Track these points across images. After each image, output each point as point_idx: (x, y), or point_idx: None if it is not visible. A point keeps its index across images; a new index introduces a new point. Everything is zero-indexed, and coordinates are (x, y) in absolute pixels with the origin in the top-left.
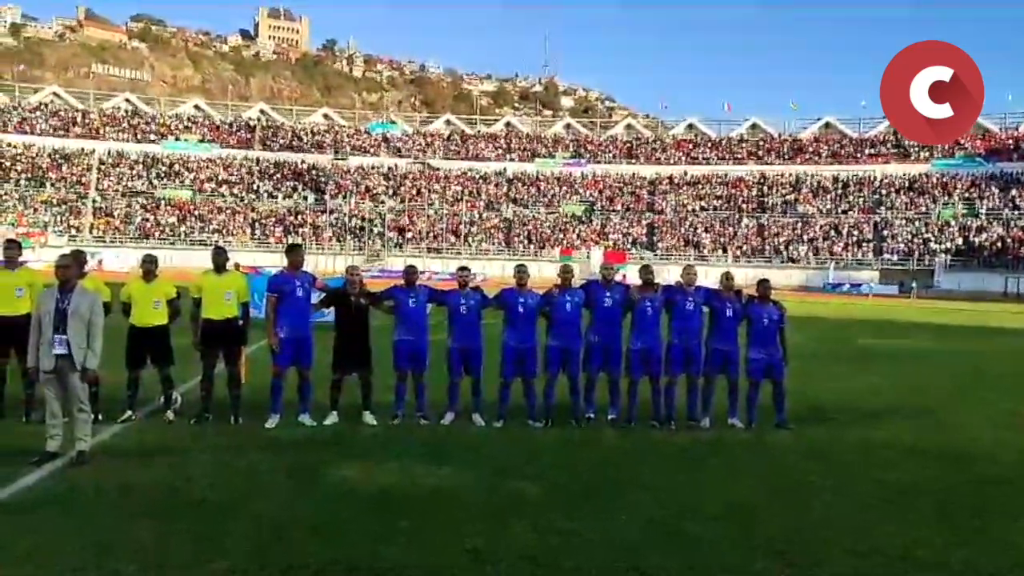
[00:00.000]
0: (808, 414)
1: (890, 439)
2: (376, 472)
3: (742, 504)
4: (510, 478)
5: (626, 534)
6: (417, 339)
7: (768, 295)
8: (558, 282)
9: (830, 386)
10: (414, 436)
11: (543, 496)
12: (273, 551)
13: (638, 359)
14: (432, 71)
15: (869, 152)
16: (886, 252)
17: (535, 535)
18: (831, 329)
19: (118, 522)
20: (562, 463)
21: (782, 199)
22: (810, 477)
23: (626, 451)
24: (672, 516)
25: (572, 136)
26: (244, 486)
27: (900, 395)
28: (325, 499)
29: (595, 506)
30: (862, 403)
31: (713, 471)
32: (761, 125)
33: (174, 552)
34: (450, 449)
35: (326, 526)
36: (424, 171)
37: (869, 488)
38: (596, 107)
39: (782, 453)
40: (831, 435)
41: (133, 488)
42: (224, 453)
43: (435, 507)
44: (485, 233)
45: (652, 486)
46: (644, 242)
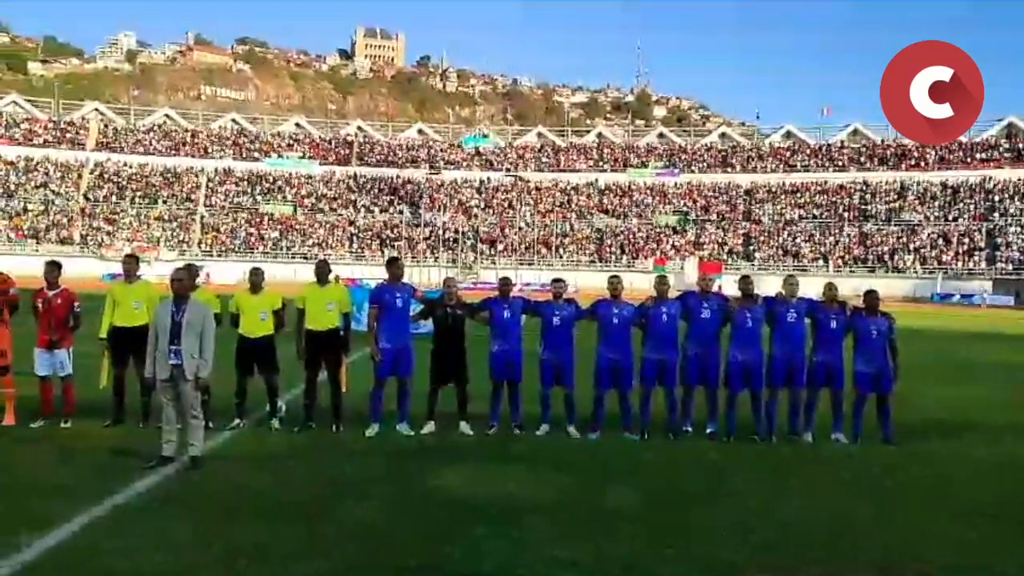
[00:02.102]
0: (916, 429)
1: (991, 453)
2: (474, 481)
3: (845, 520)
4: (608, 490)
5: (726, 550)
6: (511, 349)
7: (876, 306)
8: (653, 293)
9: (938, 401)
10: (510, 446)
11: (642, 509)
12: (378, 554)
13: (737, 372)
14: (524, 84)
15: (980, 156)
16: (1000, 261)
17: (635, 548)
18: (940, 341)
19: (230, 522)
20: (660, 476)
21: (886, 207)
22: (914, 494)
23: (725, 465)
24: (772, 531)
25: (665, 145)
26: (346, 491)
27: (1014, 411)
28: (425, 506)
29: (694, 521)
30: (973, 418)
31: (812, 484)
32: (862, 130)
33: (281, 550)
34: (546, 460)
35: (429, 532)
36: (516, 183)
37: (973, 506)
38: (689, 116)
39: (887, 470)
40: (940, 451)
41: (243, 491)
42: (326, 460)
43: (535, 517)
44: (577, 244)
45: (751, 501)
46: (740, 252)
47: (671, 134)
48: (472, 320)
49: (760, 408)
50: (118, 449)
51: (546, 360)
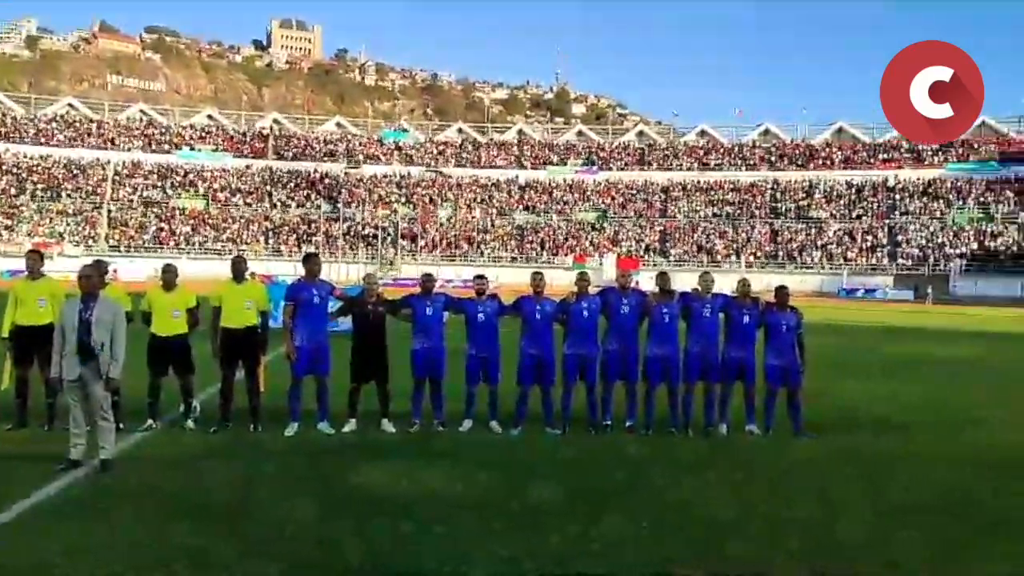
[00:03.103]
0: (825, 421)
1: (908, 447)
2: (398, 479)
3: (762, 511)
4: (532, 485)
5: (649, 541)
6: (434, 347)
7: (786, 302)
8: (574, 289)
9: (847, 393)
10: (432, 444)
11: (566, 503)
12: (306, 554)
13: (656, 366)
14: (444, 79)
15: (883, 157)
16: (900, 257)
17: (562, 541)
18: (847, 335)
19: (144, 526)
20: (582, 470)
21: (795, 205)
22: (827, 484)
23: (644, 458)
24: (693, 523)
25: (584, 143)
26: (270, 492)
27: (918, 402)
28: (351, 505)
29: (617, 513)
30: (879, 410)
31: (731, 478)
32: (773, 130)
33: (203, 555)
34: (469, 457)
35: (355, 531)
36: (436, 179)
37: (887, 497)
38: (607, 114)
39: (799, 460)
40: (850, 442)
41: (157, 494)
42: (245, 460)
43: (461, 513)
44: (498, 240)
45: (671, 493)
46: (657, 249)
47: (590, 132)
48: (393, 317)
49: (677, 402)
50: (22, 454)
51: (472, 356)
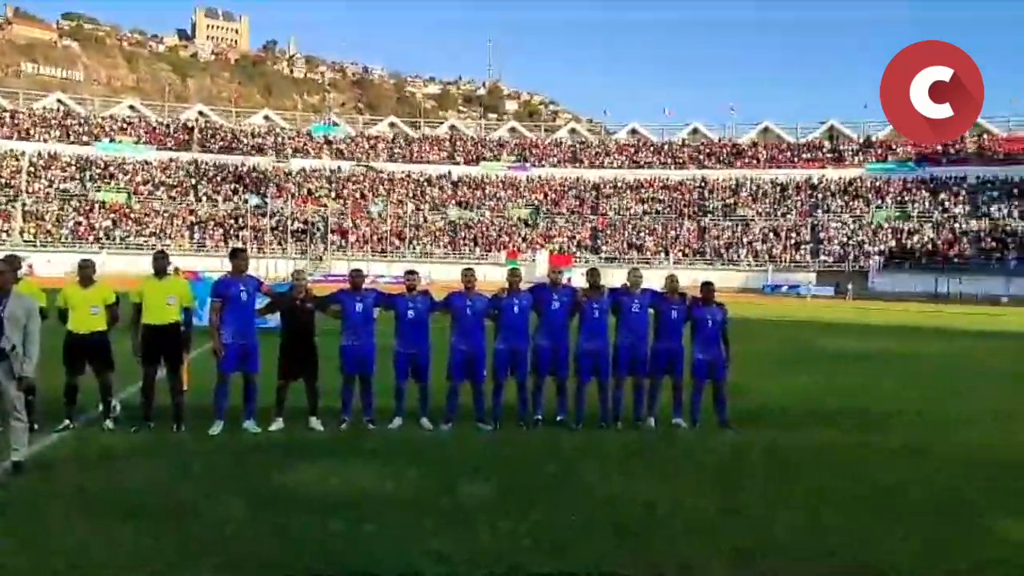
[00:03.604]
0: (750, 414)
1: (831, 438)
2: (328, 477)
3: (691, 504)
4: (463, 481)
5: (579, 534)
6: (363, 343)
7: (711, 297)
8: (506, 285)
9: (771, 386)
10: (362, 441)
11: (497, 498)
12: (245, 555)
13: (586, 361)
14: (375, 73)
15: (805, 156)
16: (822, 254)
17: (494, 537)
18: (772, 330)
19: (61, 530)
20: (512, 465)
21: (722, 203)
22: (752, 476)
23: (575, 453)
24: (624, 516)
25: (517, 140)
26: (192, 493)
27: (840, 395)
28: (279, 504)
29: (548, 507)
30: (803, 403)
31: (661, 471)
32: (702, 130)
33: (143, 556)
34: (400, 453)
35: (286, 531)
36: (367, 174)
37: (813, 488)
38: (540, 111)
39: (725, 453)
40: (773, 434)
41: (84, 495)
42: (168, 461)
43: (392, 511)
44: (430, 236)
45: (601, 486)
46: (588, 245)
47: (523, 129)
48: (322, 313)
49: (607, 396)
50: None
51: (401, 353)
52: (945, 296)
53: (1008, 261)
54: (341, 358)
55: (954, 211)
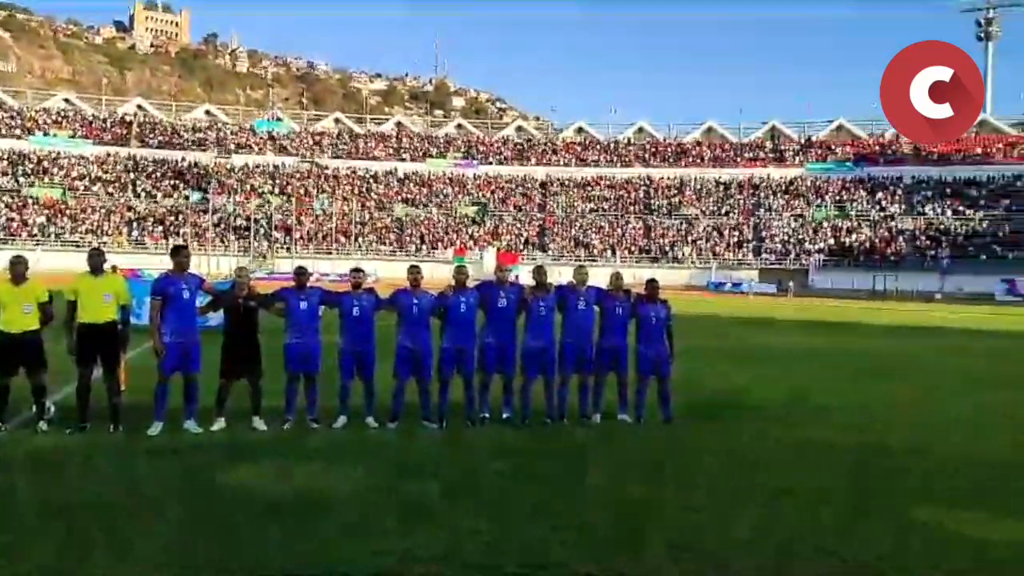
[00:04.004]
0: (695, 409)
1: (777, 433)
2: (271, 477)
3: (636, 498)
4: (410, 480)
5: (528, 531)
6: (308, 341)
7: (656, 294)
8: (452, 283)
9: (716, 382)
10: (307, 440)
11: (445, 496)
12: (184, 558)
13: (532, 358)
14: (320, 68)
15: (748, 156)
16: (764, 252)
17: (444, 535)
18: (715, 327)
19: (15, 530)
20: (459, 463)
21: (667, 201)
22: (698, 471)
23: (520, 449)
24: (570, 511)
25: (464, 137)
26: (130, 495)
27: (784, 390)
28: (221, 505)
29: (496, 504)
30: (747, 399)
31: (605, 466)
32: (647, 129)
33: (85, 561)
34: (346, 453)
35: (228, 532)
36: (312, 170)
37: (755, 481)
38: (487, 108)
39: (670, 448)
40: (717, 430)
41: (19, 497)
42: (105, 463)
43: (338, 512)
44: (376, 233)
45: (548, 483)
46: (536, 243)
47: (469, 125)
48: (266, 311)
49: (553, 392)
50: None
51: (346, 351)
52: (882, 293)
53: (941, 259)
54: (285, 357)
55: (890, 210)
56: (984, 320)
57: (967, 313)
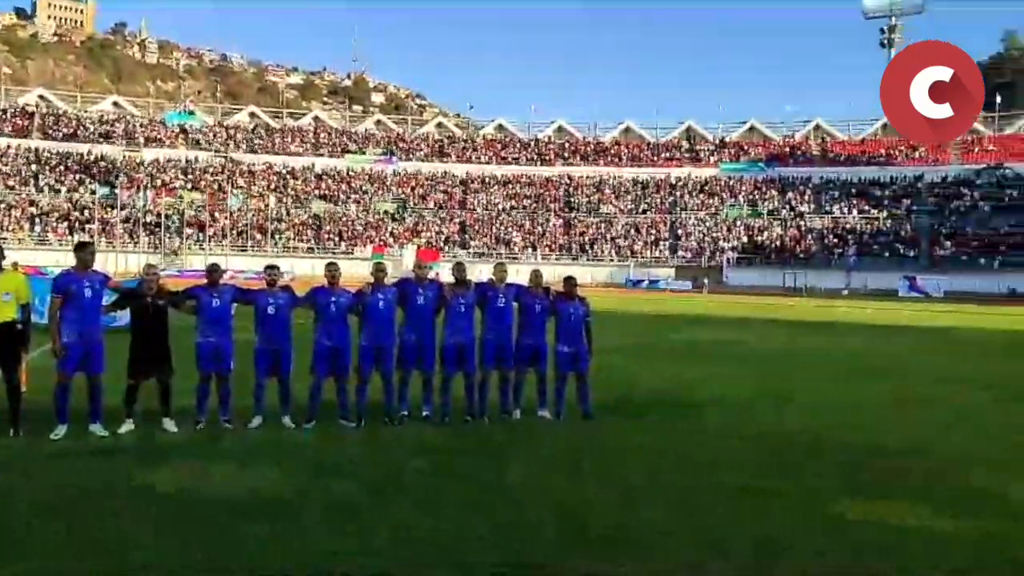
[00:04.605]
0: (613, 404)
1: (692, 427)
2: (184, 480)
3: (558, 493)
4: (330, 480)
5: (451, 528)
6: (220, 340)
7: (574, 291)
8: (371, 280)
9: (633, 377)
10: (221, 442)
11: (366, 496)
12: (102, 564)
13: (452, 355)
14: (234, 61)
15: (665, 156)
16: (681, 250)
17: (362, 537)
18: (633, 323)
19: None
20: (379, 462)
21: (587, 199)
22: (618, 466)
23: (440, 447)
24: (492, 509)
25: (383, 133)
26: (34, 502)
27: (704, 384)
28: (128, 510)
29: (417, 502)
30: (665, 393)
31: (527, 462)
32: (566, 127)
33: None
34: (261, 454)
35: (145, 539)
36: (227, 165)
37: (673, 473)
38: (407, 105)
39: (590, 443)
40: (636, 425)
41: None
42: (7, 468)
43: (255, 514)
44: (293, 230)
45: (470, 480)
46: (457, 240)
47: (389, 121)
48: (176, 309)
49: (473, 389)
50: None
51: (261, 350)
52: (792, 290)
53: (848, 257)
54: (196, 356)
55: (800, 209)
56: (889, 316)
57: (877, 309)
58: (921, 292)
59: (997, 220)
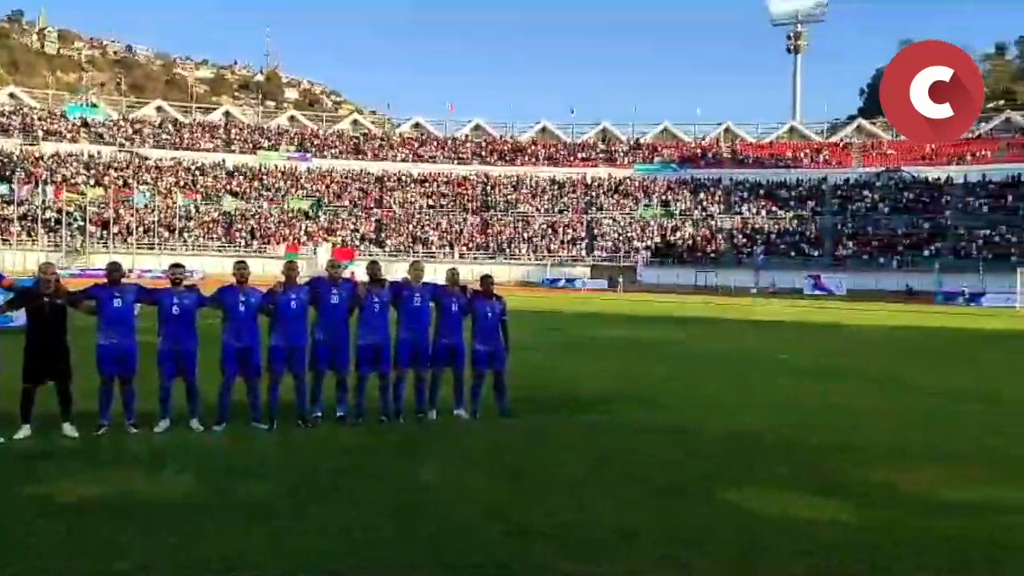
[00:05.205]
0: (530, 402)
1: (608, 421)
2: (86, 486)
3: (476, 491)
4: (240, 483)
5: (364, 529)
6: (123, 341)
7: (490, 290)
8: (282, 279)
9: (551, 375)
10: (125, 447)
11: (278, 499)
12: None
13: (366, 355)
14: (140, 53)
15: (581, 156)
16: (596, 249)
17: (276, 538)
18: (550, 321)
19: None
20: (292, 464)
21: (504, 198)
22: (534, 459)
23: (357, 448)
24: (407, 507)
25: (297, 129)
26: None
27: (616, 380)
28: (36, 518)
29: (331, 504)
30: (580, 389)
31: (444, 461)
32: (483, 126)
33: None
34: (169, 458)
35: (48, 544)
36: (132, 160)
37: (589, 468)
38: (321, 101)
39: (507, 440)
40: (552, 421)
41: None
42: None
43: (164, 520)
44: (203, 228)
45: (385, 480)
46: (373, 239)
47: (303, 118)
48: (75, 310)
49: (388, 390)
50: None
51: (166, 351)
52: (704, 288)
53: (756, 256)
54: (97, 358)
55: (711, 210)
56: (796, 313)
57: (783, 306)
58: (825, 290)
59: (895, 221)
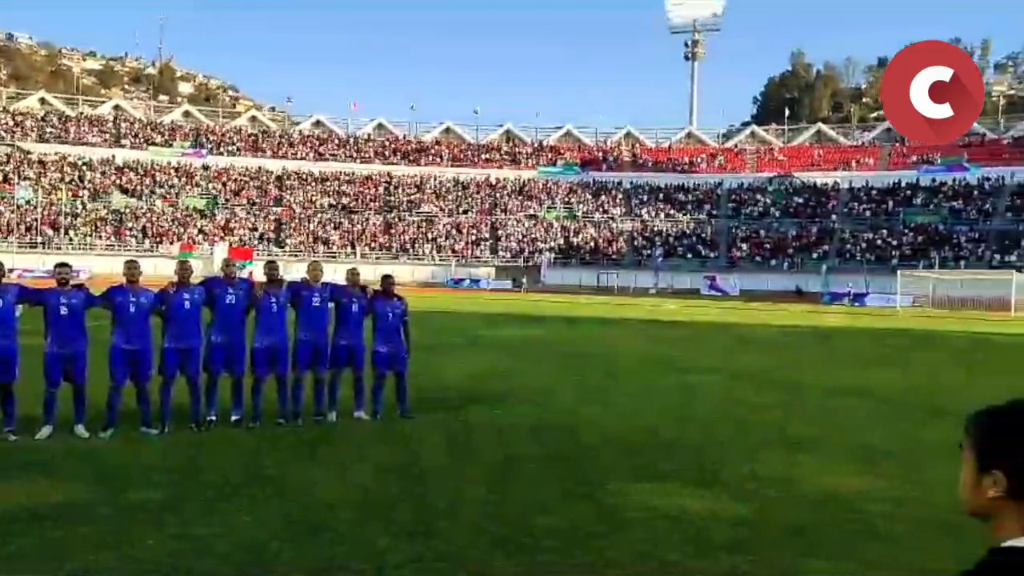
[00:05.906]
0: (433, 402)
1: (511, 419)
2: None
3: (376, 493)
4: (129, 490)
5: (254, 534)
6: (3, 343)
7: (391, 290)
8: (175, 279)
9: (453, 374)
10: (10, 455)
11: (168, 505)
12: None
13: (263, 357)
14: (21, 41)
15: (485, 157)
16: (501, 250)
17: (164, 545)
18: (453, 321)
19: None
20: (183, 469)
21: (407, 198)
22: (436, 460)
23: (252, 451)
24: (303, 511)
25: (192, 124)
26: None
27: (516, 379)
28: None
29: (222, 509)
30: (483, 388)
31: (342, 463)
32: (386, 125)
33: None
34: (55, 465)
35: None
36: (13, 154)
37: (494, 464)
38: (218, 96)
39: (408, 441)
40: (454, 419)
41: None
42: None
43: (44, 525)
44: (90, 226)
45: (280, 484)
46: (272, 238)
47: (198, 113)
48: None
49: (286, 391)
50: None
51: (52, 354)
52: (605, 288)
53: (656, 257)
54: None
55: (612, 212)
56: (692, 312)
57: (680, 306)
58: (720, 291)
59: (786, 224)
